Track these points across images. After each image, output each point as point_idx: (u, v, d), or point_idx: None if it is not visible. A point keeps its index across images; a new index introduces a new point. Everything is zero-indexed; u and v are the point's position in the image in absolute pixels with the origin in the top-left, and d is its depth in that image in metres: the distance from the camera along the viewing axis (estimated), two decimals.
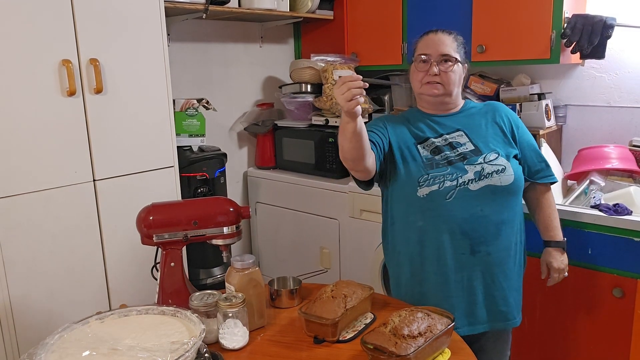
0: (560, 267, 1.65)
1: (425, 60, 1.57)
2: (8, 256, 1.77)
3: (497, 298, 1.57)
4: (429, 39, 1.60)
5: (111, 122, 1.99)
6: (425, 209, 1.53)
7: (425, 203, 1.52)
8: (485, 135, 1.59)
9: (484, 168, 1.51)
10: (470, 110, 1.66)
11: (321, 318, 1.30)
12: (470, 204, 1.50)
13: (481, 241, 1.52)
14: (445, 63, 1.56)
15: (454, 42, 1.59)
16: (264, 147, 3.04)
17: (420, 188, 1.52)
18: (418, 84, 1.61)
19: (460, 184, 1.50)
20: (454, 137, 1.59)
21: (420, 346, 1.15)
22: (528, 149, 1.64)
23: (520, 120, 1.69)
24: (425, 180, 1.52)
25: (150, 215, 1.40)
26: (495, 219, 1.52)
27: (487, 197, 1.51)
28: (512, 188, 1.53)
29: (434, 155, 1.56)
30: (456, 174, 1.51)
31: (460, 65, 1.59)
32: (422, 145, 1.59)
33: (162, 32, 2.10)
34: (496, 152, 1.55)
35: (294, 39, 3.27)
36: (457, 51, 1.58)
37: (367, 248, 2.51)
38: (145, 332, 1.13)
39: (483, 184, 1.50)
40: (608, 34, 2.16)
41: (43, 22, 1.78)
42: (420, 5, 2.61)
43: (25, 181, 1.79)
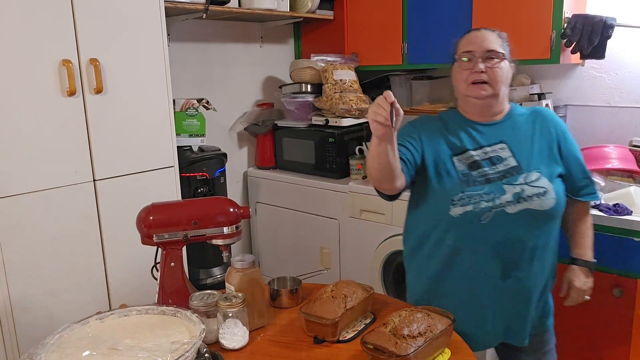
0: (582, 288, 1.53)
1: (469, 58, 1.46)
2: (8, 256, 1.77)
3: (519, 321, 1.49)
4: (471, 37, 1.49)
5: (111, 122, 1.99)
6: (456, 229, 1.43)
7: (457, 223, 1.42)
8: (530, 151, 1.46)
9: (524, 190, 1.39)
10: (517, 118, 1.52)
11: (321, 318, 1.30)
12: (506, 228, 1.40)
13: (514, 267, 1.42)
14: (490, 60, 1.44)
15: (498, 38, 1.48)
16: (264, 147, 3.04)
17: (454, 207, 1.42)
18: (463, 85, 1.48)
19: (497, 206, 1.39)
20: (495, 150, 1.46)
21: (420, 346, 1.15)
22: (574, 164, 1.50)
23: (567, 129, 1.54)
24: (460, 199, 1.41)
25: (150, 215, 1.40)
26: (531, 244, 1.42)
27: (524, 221, 1.40)
28: (553, 213, 1.42)
29: (471, 171, 1.44)
30: (493, 194, 1.40)
31: (507, 62, 1.47)
32: (458, 158, 1.47)
33: (162, 32, 2.10)
34: (539, 171, 1.42)
35: (294, 39, 3.27)
36: (503, 47, 1.47)
37: (367, 248, 2.51)
38: (145, 332, 1.13)
39: (521, 207, 1.39)
40: (608, 34, 2.16)
41: (43, 22, 1.78)
42: (420, 5, 2.61)
43: (25, 181, 1.79)
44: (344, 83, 2.76)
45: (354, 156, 2.71)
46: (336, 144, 2.70)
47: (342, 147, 2.71)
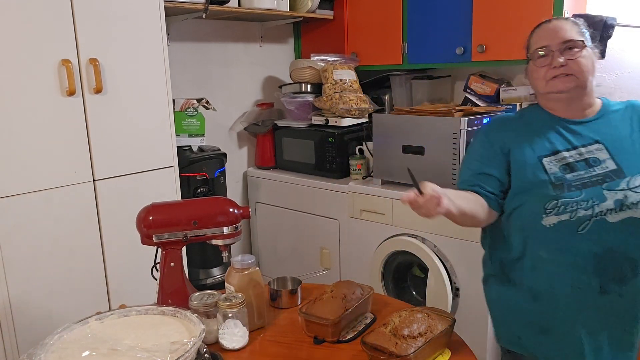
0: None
1: (545, 53, 1.32)
2: (8, 256, 1.77)
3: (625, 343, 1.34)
4: (543, 30, 1.35)
5: (111, 122, 1.99)
6: (550, 241, 1.29)
7: (551, 234, 1.28)
8: (631, 151, 1.29)
9: (627, 196, 1.24)
10: (612, 115, 1.36)
11: (321, 318, 1.30)
12: (606, 239, 1.25)
13: (614, 281, 1.28)
14: (570, 50, 1.30)
15: (574, 25, 1.33)
16: (264, 147, 3.04)
17: (547, 216, 1.28)
18: (542, 83, 1.34)
19: (597, 214, 1.24)
20: (591, 151, 1.30)
21: (420, 346, 1.15)
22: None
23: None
24: (554, 207, 1.27)
25: (150, 215, 1.40)
26: (634, 256, 1.27)
27: (627, 232, 1.25)
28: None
29: (565, 174, 1.29)
30: (592, 201, 1.25)
31: (589, 49, 1.32)
32: (549, 159, 1.32)
33: (162, 31, 2.10)
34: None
35: (294, 38, 3.27)
36: (581, 35, 1.32)
37: (367, 248, 2.51)
38: (145, 332, 1.13)
39: (625, 215, 1.24)
40: (608, 34, 2.16)
41: (43, 22, 1.78)
42: (420, 5, 2.61)
43: (25, 181, 1.79)
44: (344, 83, 2.76)
45: (354, 156, 2.71)
46: (336, 144, 2.70)
47: (342, 147, 2.71)
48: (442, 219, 2.17)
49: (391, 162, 2.40)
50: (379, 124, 2.43)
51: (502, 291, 1.44)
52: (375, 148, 2.46)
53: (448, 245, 2.20)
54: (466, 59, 2.48)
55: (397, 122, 2.35)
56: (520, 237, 1.36)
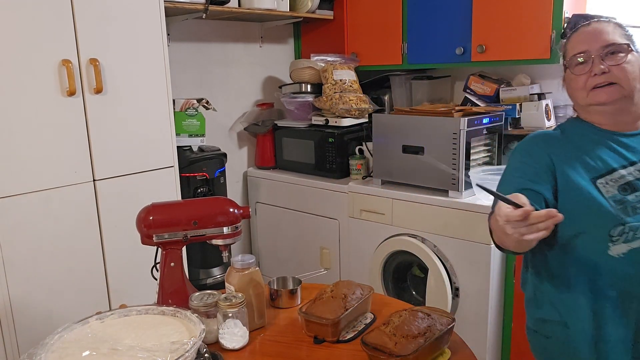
0: None
1: (585, 59, 1.17)
2: (8, 256, 1.77)
3: None
4: (581, 34, 1.20)
5: (111, 122, 1.99)
6: (621, 274, 1.11)
7: (622, 266, 1.10)
8: None
9: None
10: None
11: (321, 318, 1.30)
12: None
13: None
14: (613, 56, 1.14)
15: (617, 28, 1.19)
16: (264, 147, 3.04)
17: (614, 245, 1.10)
18: (583, 93, 1.18)
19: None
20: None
21: (421, 346, 1.15)
22: None
23: None
24: (621, 234, 1.09)
25: (150, 215, 1.40)
26: None
27: None
28: None
29: (625, 195, 1.12)
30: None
31: (635, 54, 1.16)
32: (604, 180, 1.15)
33: (162, 32, 2.10)
34: None
35: (294, 39, 3.27)
36: (626, 37, 1.18)
37: (367, 248, 2.51)
38: (145, 332, 1.13)
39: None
40: None
41: (43, 22, 1.78)
42: (420, 5, 2.61)
43: (25, 181, 1.79)
44: (344, 83, 2.76)
45: (354, 156, 2.71)
46: (336, 144, 2.70)
47: (342, 147, 2.71)
48: (442, 219, 2.18)
49: (391, 162, 2.40)
50: (379, 124, 2.43)
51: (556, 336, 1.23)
52: (375, 148, 2.46)
53: (448, 245, 2.20)
54: (466, 59, 2.48)
55: (397, 122, 2.35)
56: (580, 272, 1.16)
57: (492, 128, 2.29)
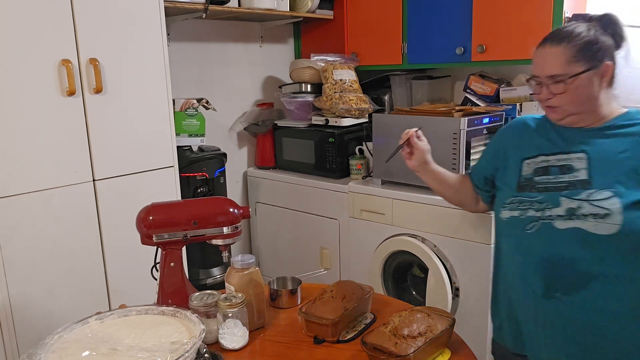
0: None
1: (537, 82, 1.32)
2: (8, 256, 1.77)
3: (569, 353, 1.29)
4: (536, 56, 1.32)
5: (111, 122, 1.99)
6: (505, 234, 1.39)
7: (506, 227, 1.38)
8: (614, 168, 1.24)
9: (581, 207, 1.22)
10: (622, 129, 1.29)
11: (321, 318, 1.30)
12: (554, 244, 1.26)
13: (559, 288, 1.27)
14: (557, 84, 1.27)
15: (566, 51, 1.26)
16: (263, 147, 3.04)
17: (504, 210, 1.36)
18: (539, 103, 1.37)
19: (545, 217, 1.27)
20: (570, 159, 1.30)
21: (421, 346, 1.15)
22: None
23: None
24: (510, 203, 1.35)
25: (150, 215, 1.40)
26: (581, 269, 1.23)
27: (575, 242, 1.23)
28: (617, 241, 1.19)
29: (535, 176, 1.33)
30: (545, 204, 1.27)
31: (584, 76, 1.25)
32: (530, 161, 1.36)
33: (162, 31, 2.10)
34: (613, 190, 1.21)
35: (294, 38, 3.27)
36: (574, 61, 1.25)
37: (367, 248, 2.51)
38: (145, 332, 1.13)
39: (572, 224, 1.23)
40: None
41: (43, 22, 1.78)
42: (420, 5, 2.61)
43: (25, 181, 1.79)
44: (344, 83, 2.76)
45: (354, 156, 2.71)
46: (336, 144, 2.70)
47: (342, 147, 2.71)
48: (442, 219, 2.18)
49: (391, 162, 2.39)
50: (379, 124, 2.43)
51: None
52: (375, 148, 2.46)
53: (448, 245, 2.20)
54: (466, 59, 2.48)
55: (397, 122, 2.35)
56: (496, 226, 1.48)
57: (492, 128, 2.29)
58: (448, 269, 2.21)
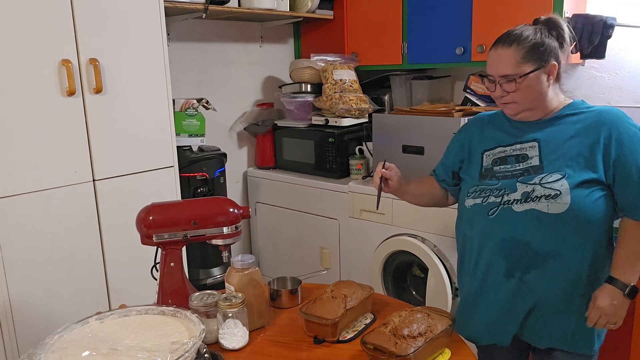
0: (604, 308, 1.34)
1: (491, 81, 1.42)
2: (8, 256, 1.77)
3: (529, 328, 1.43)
4: (489, 57, 1.42)
5: (111, 122, 1.99)
6: (470, 221, 1.49)
7: (470, 214, 1.48)
8: (562, 153, 1.37)
9: (535, 190, 1.35)
10: (568, 117, 1.41)
11: (321, 318, 1.30)
12: (512, 226, 1.37)
13: (517, 267, 1.39)
14: (509, 83, 1.37)
15: (517, 53, 1.36)
16: (263, 147, 3.04)
17: (468, 198, 1.48)
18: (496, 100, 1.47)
19: (504, 202, 1.38)
20: (525, 148, 1.42)
21: (420, 346, 1.15)
22: (627, 175, 1.33)
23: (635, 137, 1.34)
24: (473, 192, 1.46)
25: (150, 215, 1.40)
26: (538, 248, 1.35)
27: (531, 223, 1.35)
28: (565, 218, 1.32)
29: (494, 166, 1.45)
30: (504, 190, 1.39)
31: (533, 75, 1.36)
32: (488, 153, 1.49)
33: (162, 31, 2.10)
34: (561, 173, 1.34)
35: (294, 38, 3.26)
36: (524, 61, 1.35)
37: (367, 248, 2.51)
38: (145, 332, 1.13)
39: (528, 207, 1.35)
40: (608, 34, 2.16)
41: (43, 21, 1.78)
42: (420, 5, 2.61)
43: (25, 181, 1.79)
44: (344, 83, 2.76)
45: (354, 156, 2.71)
46: (336, 144, 2.70)
47: (342, 147, 2.71)
48: (442, 219, 2.18)
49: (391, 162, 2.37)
50: (379, 124, 2.43)
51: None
52: (375, 148, 2.46)
53: (448, 245, 2.20)
54: (466, 59, 2.48)
55: (397, 122, 2.35)
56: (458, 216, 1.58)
57: None
58: (448, 269, 2.21)
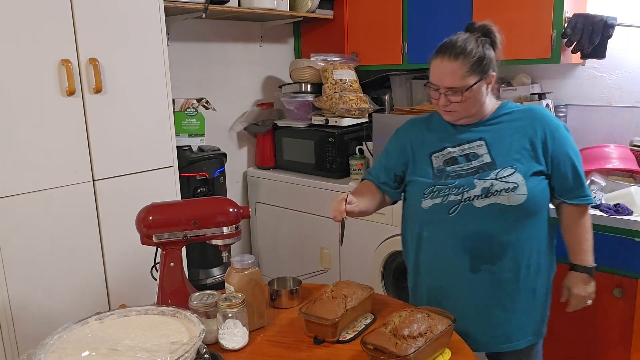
0: (580, 294, 1.51)
1: (435, 89, 1.47)
2: (8, 256, 1.77)
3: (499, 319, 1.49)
4: (435, 66, 1.46)
5: (111, 122, 1.99)
6: (428, 221, 1.50)
7: (428, 215, 1.48)
8: (509, 148, 1.46)
9: (494, 184, 1.41)
10: (503, 117, 1.50)
11: (321, 318, 1.30)
12: (474, 221, 1.43)
13: (483, 260, 1.45)
14: (454, 94, 1.43)
15: (463, 66, 1.41)
16: (263, 147, 3.04)
17: (425, 200, 1.48)
18: (435, 105, 1.52)
19: (465, 199, 1.43)
20: (473, 147, 1.48)
21: (421, 346, 1.15)
22: (562, 163, 1.46)
23: (562, 129, 1.49)
24: (430, 192, 1.47)
25: (150, 215, 1.40)
26: (500, 239, 1.43)
27: (493, 216, 1.42)
28: (524, 208, 1.41)
29: (446, 167, 1.49)
30: (463, 188, 1.44)
31: (475, 87, 1.43)
32: (436, 155, 1.52)
33: (162, 31, 2.10)
34: (513, 167, 1.42)
35: (294, 38, 3.26)
36: (469, 74, 1.42)
37: (367, 248, 2.51)
38: (145, 332, 1.13)
39: (489, 201, 1.41)
40: (609, 34, 2.16)
41: (43, 21, 1.78)
42: (420, 5, 2.61)
43: (25, 181, 1.79)
44: (344, 83, 2.76)
45: (354, 156, 2.71)
46: (336, 144, 2.70)
47: (342, 147, 2.71)
48: None
49: None
50: (379, 124, 2.43)
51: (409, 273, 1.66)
52: (375, 148, 2.46)
53: None
54: None
55: (397, 122, 2.34)
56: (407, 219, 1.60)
57: None
58: None
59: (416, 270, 1.59)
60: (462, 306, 1.47)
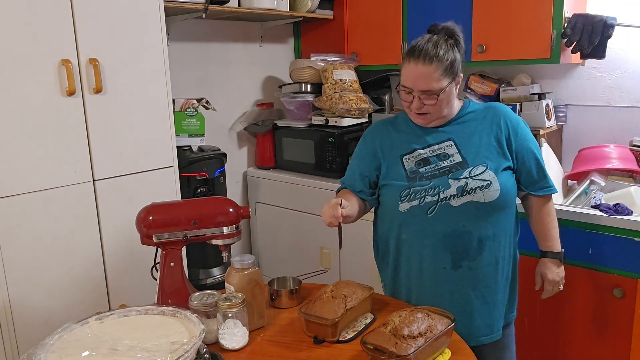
0: (554, 279, 1.61)
1: (408, 92, 1.49)
2: (8, 256, 1.77)
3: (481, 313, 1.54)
4: (409, 70, 1.47)
5: (111, 122, 1.99)
6: (406, 224, 1.52)
7: (406, 218, 1.51)
8: (477, 146, 1.51)
9: (468, 183, 1.46)
10: (467, 116, 1.56)
11: (321, 318, 1.30)
12: (452, 220, 1.47)
13: (463, 257, 1.49)
14: (429, 96, 1.46)
15: (437, 69, 1.45)
16: (263, 147, 3.04)
17: (402, 203, 1.50)
18: (407, 110, 1.55)
19: (442, 200, 1.46)
20: (442, 147, 1.53)
21: (420, 346, 1.15)
22: (526, 158, 1.53)
23: (522, 124, 1.56)
24: (406, 195, 1.50)
25: (150, 215, 1.40)
26: (478, 235, 1.48)
27: (470, 213, 1.46)
28: (498, 204, 1.47)
29: (419, 168, 1.52)
30: (438, 188, 1.47)
31: (447, 89, 1.47)
32: (407, 157, 1.55)
33: (162, 31, 2.10)
34: (484, 164, 1.48)
35: (294, 38, 3.26)
36: (443, 77, 1.45)
37: (367, 248, 2.50)
38: (145, 332, 1.13)
39: (465, 200, 1.45)
40: (608, 34, 2.16)
41: (43, 21, 1.78)
42: (420, 5, 2.61)
43: (25, 181, 1.79)
44: (344, 83, 2.76)
45: None
46: (336, 144, 2.70)
47: (342, 147, 2.71)
48: None
49: None
50: None
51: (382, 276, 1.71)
52: None
53: None
54: (466, 59, 2.46)
55: None
56: (383, 222, 1.61)
57: None
58: None
59: (395, 271, 1.62)
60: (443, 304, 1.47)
